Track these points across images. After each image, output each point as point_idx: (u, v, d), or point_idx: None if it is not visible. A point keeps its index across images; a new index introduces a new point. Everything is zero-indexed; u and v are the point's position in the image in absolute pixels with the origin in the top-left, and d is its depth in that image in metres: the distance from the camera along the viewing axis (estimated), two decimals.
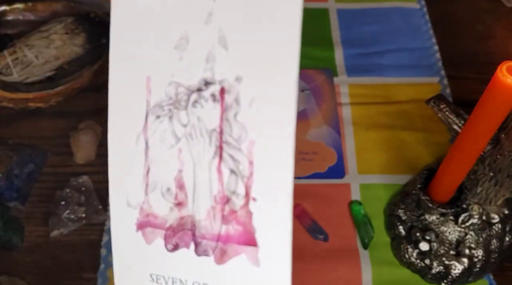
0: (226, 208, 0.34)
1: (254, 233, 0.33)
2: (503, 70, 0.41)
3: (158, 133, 0.35)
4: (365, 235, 0.59)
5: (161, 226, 0.36)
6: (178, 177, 0.35)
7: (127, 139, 0.36)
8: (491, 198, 0.56)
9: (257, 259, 0.34)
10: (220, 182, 0.33)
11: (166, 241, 0.36)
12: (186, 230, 0.35)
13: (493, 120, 0.45)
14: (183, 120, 0.34)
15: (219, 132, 0.33)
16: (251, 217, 0.33)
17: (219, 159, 0.33)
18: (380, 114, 0.70)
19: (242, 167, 0.33)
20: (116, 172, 0.37)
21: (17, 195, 0.61)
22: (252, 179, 0.33)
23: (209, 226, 0.34)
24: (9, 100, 0.67)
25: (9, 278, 0.56)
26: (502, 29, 0.80)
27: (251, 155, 0.32)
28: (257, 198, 0.33)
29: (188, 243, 0.35)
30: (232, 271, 0.35)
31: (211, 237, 0.34)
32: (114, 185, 0.37)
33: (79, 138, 0.66)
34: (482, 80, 0.49)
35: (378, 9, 0.81)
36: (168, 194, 0.35)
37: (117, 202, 0.37)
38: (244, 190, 0.33)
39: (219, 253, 0.34)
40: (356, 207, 0.61)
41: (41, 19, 0.75)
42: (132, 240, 0.37)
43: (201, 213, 0.35)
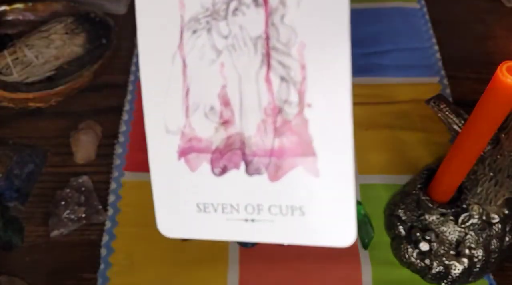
0: (279, 120, 0.31)
1: (311, 141, 0.31)
2: (503, 70, 0.41)
3: (196, 49, 0.32)
4: (365, 235, 0.59)
5: (207, 149, 0.33)
6: (222, 94, 0.32)
7: (162, 60, 0.33)
8: (491, 198, 0.56)
9: (317, 169, 0.31)
10: (270, 93, 0.31)
11: (213, 165, 0.33)
12: (234, 150, 0.33)
13: (493, 120, 0.45)
14: (224, 31, 0.31)
15: (265, 39, 0.31)
16: (306, 125, 0.31)
17: (267, 68, 0.31)
18: (380, 114, 0.70)
19: (294, 72, 0.30)
20: (151, 98, 0.34)
21: (17, 195, 0.61)
22: (306, 84, 0.30)
23: (260, 142, 0.32)
24: (9, 100, 0.67)
25: (9, 278, 0.56)
26: (502, 29, 0.80)
27: (303, 58, 0.30)
28: (312, 104, 0.31)
29: (237, 163, 0.33)
30: (289, 187, 0.32)
31: (263, 153, 0.32)
32: (150, 113, 0.34)
33: (79, 138, 0.66)
34: (482, 80, 0.50)
35: (378, 9, 0.81)
36: (212, 114, 0.33)
37: (155, 130, 0.34)
38: (298, 97, 0.31)
39: (273, 168, 0.32)
40: (356, 207, 0.61)
41: (41, 19, 0.75)
42: (174, 169, 0.34)
43: (251, 129, 0.32)
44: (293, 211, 0.32)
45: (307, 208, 0.32)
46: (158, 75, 0.33)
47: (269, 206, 0.33)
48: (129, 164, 0.65)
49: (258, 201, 0.33)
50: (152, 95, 0.34)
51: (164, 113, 0.34)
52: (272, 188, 0.32)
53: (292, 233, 0.33)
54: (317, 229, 0.33)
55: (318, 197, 0.32)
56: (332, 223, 0.32)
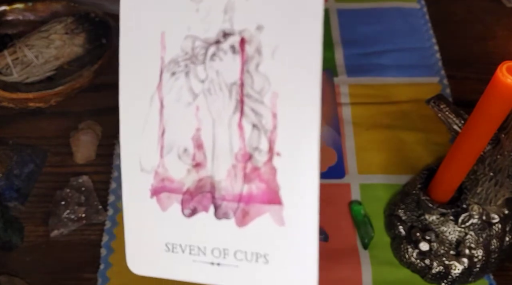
0: (248, 166, 0.32)
1: (278, 190, 0.32)
2: (503, 70, 0.41)
3: (174, 91, 0.33)
4: (365, 235, 0.59)
5: (178, 190, 0.34)
6: (196, 137, 0.33)
7: (140, 100, 0.34)
8: (491, 198, 0.56)
9: (282, 218, 0.32)
10: (241, 139, 0.32)
11: (183, 206, 0.34)
12: (205, 193, 0.33)
13: (493, 120, 0.45)
14: (201, 75, 0.32)
15: (240, 85, 0.31)
16: (275, 173, 0.31)
17: (240, 114, 0.32)
18: (380, 114, 0.70)
19: (265, 120, 0.31)
20: (128, 135, 0.35)
21: (17, 195, 0.61)
22: (276, 132, 0.31)
23: (229, 187, 0.33)
24: (9, 100, 0.67)
25: (9, 278, 0.56)
26: (502, 29, 0.80)
27: (275, 107, 0.31)
28: (282, 153, 0.31)
29: (207, 206, 0.33)
30: (255, 233, 0.33)
31: (232, 198, 0.33)
32: (126, 150, 0.35)
33: (79, 138, 0.66)
34: (482, 80, 0.49)
35: (378, 9, 0.81)
36: (185, 155, 0.33)
37: (130, 168, 0.35)
38: (268, 145, 0.31)
39: (241, 214, 0.33)
40: (356, 207, 0.61)
41: (41, 19, 0.75)
42: (146, 207, 0.35)
43: (221, 173, 0.33)
44: (258, 258, 0.33)
45: (271, 257, 0.33)
46: (136, 113, 0.34)
47: (235, 251, 0.33)
48: None
49: (224, 246, 0.34)
50: (129, 132, 0.35)
51: (140, 151, 0.34)
52: (238, 234, 0.33)
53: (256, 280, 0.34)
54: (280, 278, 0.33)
55: (282, 246, 0.32)
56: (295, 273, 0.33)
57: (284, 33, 0.30)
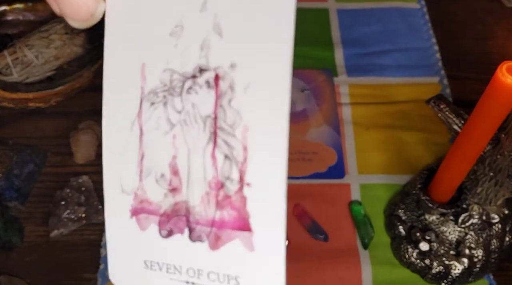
0: (221, 194, 0.34)
1: (248, 218, 0.33)
2: (503, 70, 0.41)
3: (153, 120, 0.35)
4: (365, 235, 0.59)
5: (156, 212, 0.36)
6: (172, 163, 0.35)
7: (122, 126, 0.36)
8: (491, 198, 0.56)
9: (251, 244, 0.33)
10: (214, 168, 0.33)
11: (160, 227, 0.36)
12: (180, 216, 0.35)
13: (493, 120, 0.45)
14: (178, 106, 0.34)
15: (214, 118, 0.33)
16: (245, 202, 0.33)
17: (213, 145, 0.33)
18: (380, 114, 0.70)
19: (236, 152, 0.33)
20: (110, 158, 0.37)
21: (17, 195, 0.61)
22: (246, 164, 0.33)
23: (203, 212, 0.34)
24: (9, 100, 0.67)
25: (9, 278, 0.56)
26: (502, 29, 0.80)
27: (245, 140, 0.32)
28: (251, 183, 0.33)
29: (182, 229, 0.35)
30: (226, 257, 0.35)
31: (206, 223, 0.34)
32: (108, 172, 0.37)
33: (79, 138, 0.66)
34: (482, 80, 0.49)
35: (378, 9, 0.82)
36: (163, 180, 0.35)
37: (111, 188, 0.37)
38: (238, 176, 0.33)
39: (213, 238, 0.34)
40: (356, 207, 0.61)
41: (41, 19, 0.75)
42: (126, 226, 0.37)
43: (196, 199, 0.35)
44: (229, 280, 0.35)
45: (241, 279, 0.34)
46: (117, 138, 0.36)
47: (208, 272, 0.35)
48: None
49: (198, 266, 0.35)
50: (111, 156, 0.36)
51: (121, 174, 0.36)
52: (211, 256, 0.35)
53: None
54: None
55: (251, 270, 0.34)
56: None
57: (256, 71, 0.32)
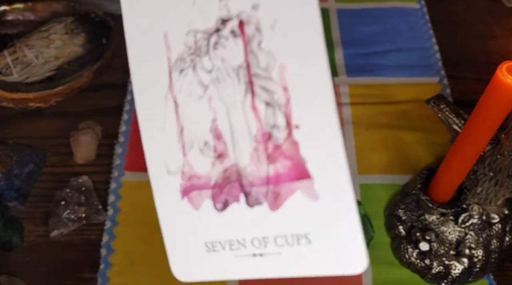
0: (269, 145, 0.31)
1: (304, 164, 0.31)
2: (503, 70, 0.41)
3: (185, 88, 0.33)
4: (365, 235, 0.59)
5: (206, 185, 0.33)
6: (213, 127, 0.32)
7: (155, 103, 0.34)
8: (491, 198, 0.56)
9: (314, 192, 0.31)
10: (257, 119, 0.31)
11: (214, 201, 0.33)
12: (232, 182, 0.33)
13: (493, 120, 0.45)
14: (207, 65, 0.32)
15: (246, 67, 0.31)
16: (297, 147, 0.31)
17: (251, 95, 0.31)
18: (380, 114, 0.70)
19: (277, 96, 0.31)
20: (150, 141, 0.34)
21: (17, 195, 0.61)
22: (290, 105, 0.30)
23: (255, 171, 0.32)
24: (9, 100, 0.67)
25: (9, 278, 0.56)
26: (502, 29, 0.80)
27: (284, 80, 0.30)
28: (300, 125, 0.30)
29: (237, 196, 0.33)
30: (290, 214, 0.31)
31: (260, 182, 0.32)
32: (151, 156, 0.35)
33: (79, 138, 0.66)
34: (482, 80, 0.50)
35: (378, 9, 0.81)
36: (207, 149, 0.33)
37: (157, 173, 0.35)
38: (285, 120, 0.31)
39: (272, 197, 0.32)
40: (357, 207, 0.61)
41: (41, 19, 0.75)
42: (179, 210, 0.34)
43: (245, 159, 0.32)
44: (299, 239, 0.32)
45: (312, 235, 0.31)
46: (153, 117, 0.34)
47: (274, 237, 0.32)
48: (129, 164, 0.65)
49: (263, 234, 0.33)
50: (151, 138, 0.35)
51: (164, 154, 0.34)
52: (274, 218, 0.32)
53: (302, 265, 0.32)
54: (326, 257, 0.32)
55: (321, 222, 0.31)
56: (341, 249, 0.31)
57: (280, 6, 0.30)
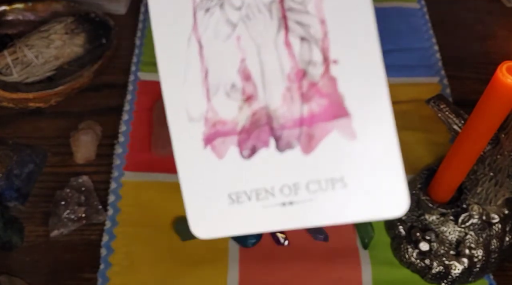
0: (304, 84, 0.29)
1: (342, 101, 0.28)
2: (503, 70, 0.41)
3: (211, 28, 0.31)
4: (365, 235, 0.59)
5: (232, 131, 0.31)
6: (242, 68, 0.30)
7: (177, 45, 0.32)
8: (491, 198, 0.56)
9: (353, 130, 0.28)
10: (291, 56, 0.29)
11: (241, 147, 0.31)
12: (261, 126, 0.30)
13: (493, 120, 0.45)
14: (236, 2, 0.30)
15: (280, 1, 0.29)
16: (335, 83, 0.29)
17: (285, 31, 0.29)
18: None
19: (314, 30, 0.29)
20: (170, 86, 0.32)
21: (17, 195, 0.61)
22: (328, 39, 0.28)
23: (287, 112, 0.30)
24: (9, 100, 0.67)
25: (9, 278, 0.56)
26: (502, 29, 0.80)
27: (321, 12, 0.28)
28: (338, 59, 0.28)
29: (266, 141, 0.30)
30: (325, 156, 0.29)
31: (293, 124, 0.30)
32: (171, 102, 0.32)
33: (79, 138, 0.66)
34: (482, 80, 0.50)
35: (378, 9, 0.81)
36: (234, 91, 0.31)
37: (177, 120, 0.32)
38: (321, 55, 0.29)
39: (306, 139, 0.29)
40: None
41: (41, 19, 0.75)
42: (201, 160, 0.32)
43: (276, 100, 0.30)
44: (334, 184, 0.29)
45: (349, 178, 0.29)
46: (175, 61, 0.32)
47: (306, 183, 0.30)
48: (129, 164, 0.65)
49: (294, 180, 0.30)
50: (171, 82, 0.32)
51: (185, 100, 0.32)
52: (307, 162, 0.30)
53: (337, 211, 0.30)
54: (363, 201, 0.29)
55: (358, 163, 0.29)
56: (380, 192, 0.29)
57: None
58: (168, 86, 0.32)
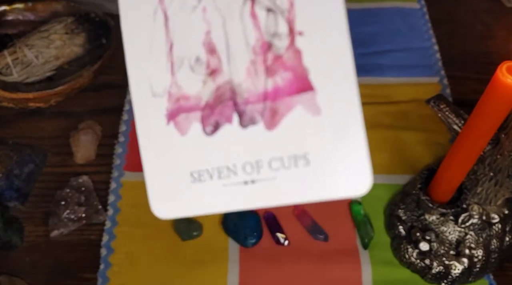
0: (269, 57, 0.28)
1: (307, 74, 0.28)
2: (503, 70, 0.41)
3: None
4: (365, 235, 0.59)
5: (196, 107, 0.30)
6: (207, 41, 0.29)
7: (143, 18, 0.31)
8: (491, 198, 0.56)
9: (316, 105, 0.28)
10: (256, 28, 0.28)
11: (203, 124, 0.30)
12: (225, 101, 0.29)
13: (493, 120, 0.45)
14: None
15: None
16: (300, 56, 0.28)
17: (251, 2, 0.28)
18: (380, 114, 0.70)
19: (280, 0, 0.28)
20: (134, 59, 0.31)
21: (17, 195, 0.61)
22: (294, 9, 0.28)
23: (252, 87, 0.29)
24: (9, 100, 0.67)
25: (9, 278, 0.56)
26: (502, 29, 0.80)
27: None
28: (304, 31, 0.27)
29: (230, 116, 0.29)
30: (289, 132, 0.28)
31: (257, 99, 0.29)
32: (135, 76, 0.31)
33: (79, 138, 0.66)
34: (482, 80, 0.50)
35: (378, 9, 0.81)
36: (198, 65, 0.30)
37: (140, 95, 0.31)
38: (287, 27, 0.28)
39: (269, 114, 0.29)
40: (356, 207, 0.61)
41: (41, 19, 0.75)
42: (163, 136, 0.31)
43: (240, 74, 0.29)
44: (297, 161, 0.29)
45: (312, 155, 0.29)
46: (140, 34, 0.31)
47: (269, 160, 0.29)
48: (129, 164, 0.65)
49: (256, 157, 0.29)
50: (136, 55, 0.31)
51: (149, 75, 0.31)
52: (270, 138, 0.29)
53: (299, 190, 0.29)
54: (326, 179, 0.29)
55: (322, 139, 0.28)
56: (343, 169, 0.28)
57: None
58: (132, 60, 0.32)
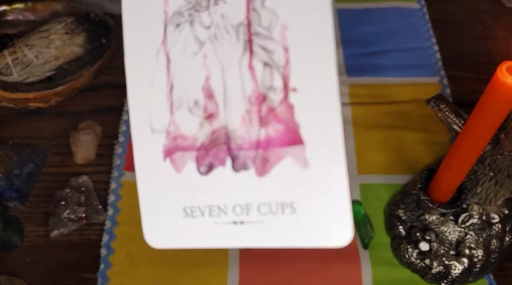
0: (263, 108, 0.30)
1: (298, 129, 0.29)
2: (503, 70, 0.41)
3: (180, 43, 0.32)
4: (365, 235, 0.59)
5: (192, 147, 0.32)
6: (205, 86, 0.31)
7: (146, 57, 0.32)
8: (491, 198, 0.56)
9: (305, 158, 0.29)
10: (253, 80, 0.30)
11: (198, 163, 0.32)
12: (220, 145, 0.31)
13: (493, 120, 0.45)
14: (206, 21, 0.31)
15: (247, 25, 0.30)
16: (292, 111, 0.29)
17: (249, 54, 0.30)
18: (380, 114, 0.70)
19: (277, 56, 0.29)
20: (136, 96, 0.33)
21: (17, 195, 0.61)
22: (289, 67, 0.29)
23: (245, 134, 0.31)
24: (9, 100, 0.67)
25: (9, 278, 0.56)
26: (502, 29, 0.80)
27: (285, 40, 0.29)
28: (298, 88, 0.29)
29: (223, 159, 0.31)
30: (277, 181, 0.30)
31: (249, 146, 0.31)
32: (135, 112, 0.33)
33: (79, 138, 0.66)
34: (482, 80, 0.50)
35: (378, 9, 0.81)
36: (196, 108, 0.32)
37: (140, 130, 0.33)
38: (282, 82, 0.29)
39: (260, 162, 0.30)
40: (356, 207, 0.61)
41: (41, 19, 0.75)
42: (160, 171, 0.33)
43: (235, 121, 0.31)
44: (284, 208, 0.31)
45: (298, 204, 0.31)
46: (142, 72, 0.33)
47: (258, 205, 0.31)
48: (129, 164, 0.65)
49: (246, 200, 0.31)
50: (137, 93, 0.33)
51: (149, 111, 0.33)
52: (260, 184, 0.31)
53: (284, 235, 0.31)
54: (310, 228, 0.31)
55: (308, 190, 0.30)
56: (326, 220, 0.30)
57: None
58: (134, 96, 0.33)
